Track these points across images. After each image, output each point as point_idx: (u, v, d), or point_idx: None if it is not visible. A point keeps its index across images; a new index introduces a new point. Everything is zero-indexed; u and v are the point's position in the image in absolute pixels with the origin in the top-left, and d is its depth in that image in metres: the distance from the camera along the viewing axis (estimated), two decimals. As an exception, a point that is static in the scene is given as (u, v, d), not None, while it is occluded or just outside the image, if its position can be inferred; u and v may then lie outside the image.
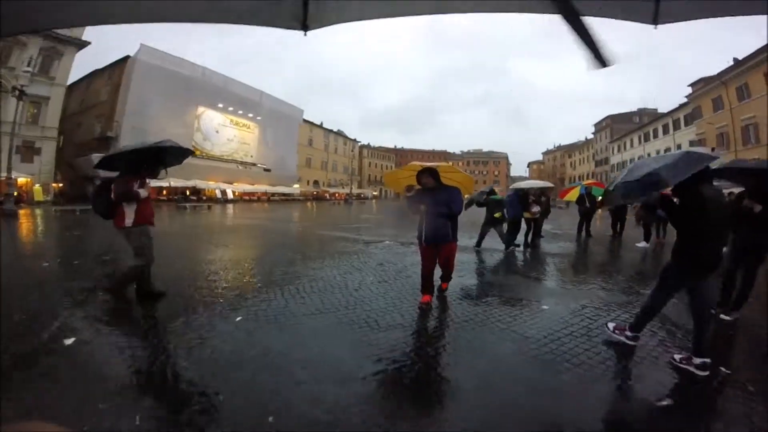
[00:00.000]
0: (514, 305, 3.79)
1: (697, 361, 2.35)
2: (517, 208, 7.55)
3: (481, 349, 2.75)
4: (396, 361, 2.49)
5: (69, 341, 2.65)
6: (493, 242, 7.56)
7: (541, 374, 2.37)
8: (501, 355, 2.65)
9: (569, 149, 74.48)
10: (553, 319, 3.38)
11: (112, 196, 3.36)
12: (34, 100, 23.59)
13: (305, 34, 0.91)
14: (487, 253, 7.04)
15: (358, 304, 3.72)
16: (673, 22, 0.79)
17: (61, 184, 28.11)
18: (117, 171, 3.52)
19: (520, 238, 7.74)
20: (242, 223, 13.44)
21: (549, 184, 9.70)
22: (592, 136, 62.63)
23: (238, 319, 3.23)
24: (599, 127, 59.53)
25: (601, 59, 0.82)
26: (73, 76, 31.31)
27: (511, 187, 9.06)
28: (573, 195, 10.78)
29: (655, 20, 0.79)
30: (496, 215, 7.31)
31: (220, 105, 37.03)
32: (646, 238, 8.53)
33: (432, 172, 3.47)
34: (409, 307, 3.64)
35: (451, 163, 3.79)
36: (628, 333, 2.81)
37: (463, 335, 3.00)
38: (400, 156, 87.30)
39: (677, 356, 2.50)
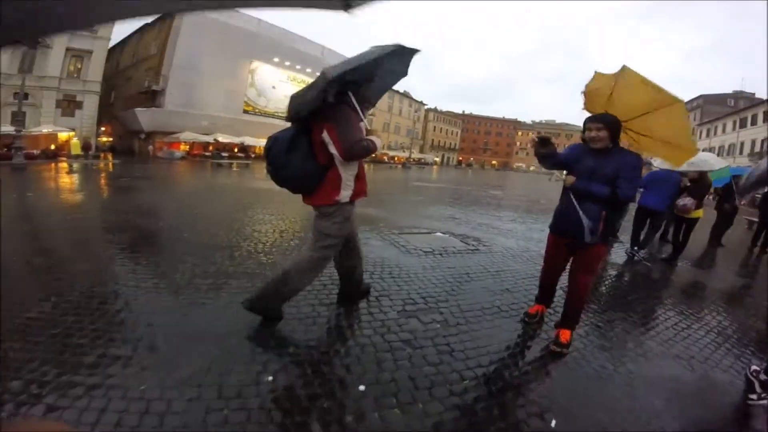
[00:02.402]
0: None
1: None
2: (665, 195, 4.88)
3: None
4: None
5: None
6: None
7: None
8: None
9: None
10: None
11: (336, 152, 2.01)
12: (75, 54, 23.57)
13: (347, 12, 0.83)
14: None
15: None
16: None
17: (111, 138, 28.66)
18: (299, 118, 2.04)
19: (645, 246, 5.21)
20: (243, 186, 10.12)
21: (724, 164, 6.02)
22: (680, 116, 57.83)
23: None
24: (689, 106, 53.43)
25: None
26: (127, 30, 30.87)
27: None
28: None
29: None
30: None
31: (276, 59, 34.31)
32: None
33: (609, 124, 2.05)
34: None
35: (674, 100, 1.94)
36: None
37: None
38: (468, 121, 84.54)
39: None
